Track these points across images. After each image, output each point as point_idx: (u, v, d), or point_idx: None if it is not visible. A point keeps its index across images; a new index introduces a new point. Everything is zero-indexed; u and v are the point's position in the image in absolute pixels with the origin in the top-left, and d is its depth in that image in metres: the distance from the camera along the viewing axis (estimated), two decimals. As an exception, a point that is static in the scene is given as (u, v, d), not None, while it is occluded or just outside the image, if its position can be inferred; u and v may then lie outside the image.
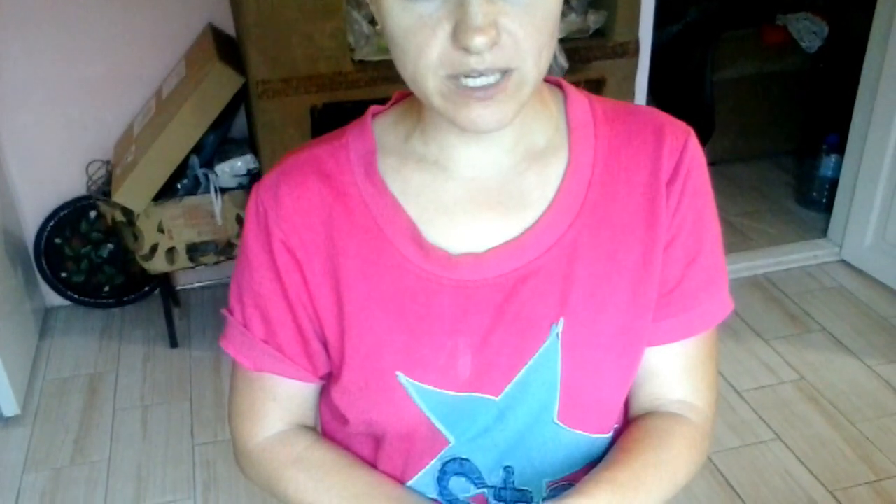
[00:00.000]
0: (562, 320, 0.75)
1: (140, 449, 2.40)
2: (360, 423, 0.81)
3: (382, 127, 0.80)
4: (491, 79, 0.65)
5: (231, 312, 0.84)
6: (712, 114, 3.68)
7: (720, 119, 3.70)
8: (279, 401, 0.84)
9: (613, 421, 0.83)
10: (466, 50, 0.62)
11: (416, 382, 0.76)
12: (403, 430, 0.78)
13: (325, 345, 0.81)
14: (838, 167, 3.26)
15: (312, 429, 0.88)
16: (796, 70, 3.73)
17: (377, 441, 0.82)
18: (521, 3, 0.63)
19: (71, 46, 2.67)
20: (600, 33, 2.40)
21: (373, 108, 0.82)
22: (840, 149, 3.26)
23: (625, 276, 0.76)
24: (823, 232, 3.28)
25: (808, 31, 3.64)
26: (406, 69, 0.67)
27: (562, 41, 2.27)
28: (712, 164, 4.13)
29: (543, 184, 0.76)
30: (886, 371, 2.53)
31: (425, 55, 0.64)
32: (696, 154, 0.78)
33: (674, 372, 0.82)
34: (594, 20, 2.36)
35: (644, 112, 0.80)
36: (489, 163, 0.76)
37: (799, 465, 2.21)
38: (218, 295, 3.11)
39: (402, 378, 0.76)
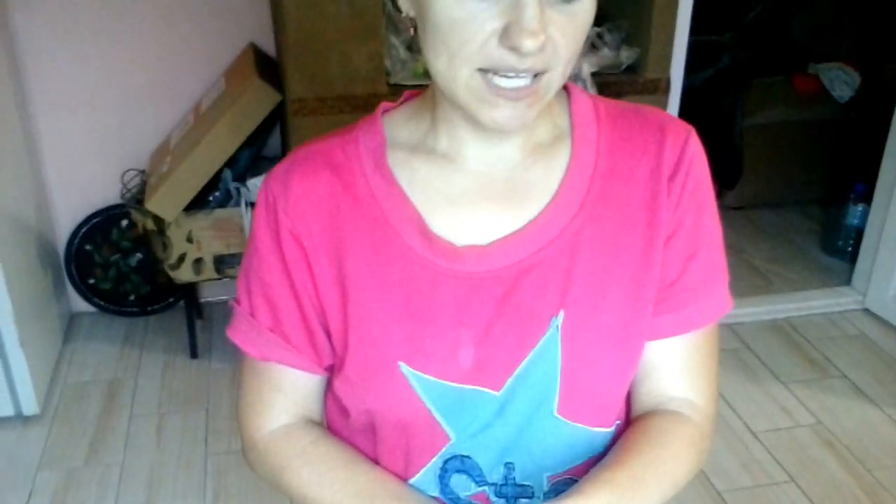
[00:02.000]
0: (562, 312, 0.76)
1: (153, 455, 2.42)
2: (361, 414, 0.82)
3: (393, 122, 0.82)
4: (523, 81, 0.67)
5: (238, 302, 0.85)
6: (740, 158, 3.69)
7: (748, 164, 3.71)
8: (285, 392, 0.85)
9: (614, 415, 0.84)
10: (516, 50, 0.64)
11: (417, 372, 0.77)
12: (404, 421, 0.79)
13: (328, 335, 0.82)
14: (865, 216, 3.25)
15: (318, 423, 0.88)
16: (826, 119, 3.74)
17: (376, 435, 0.83)
18: (566, 11, 0.66)
19: (114, 58, 2.75)
20: (632, 69, 2.44)
21: (383, 105, 0.84)
22: (867, 198, 3.25)
23: (625, 269, 0.78)
24: (847, 280, 3.26)
25: (840, 81, 3.66)
26: (440, 59, 0.69)
27: (594, 75, 2.32)
28: (739, 208, 4.13)
29: (547, 178, 0.78)
30: (906, 421, 2.51)
31: (467, 48, 0.66)
32: (697, 151, 0.80)
33: (674, 368, 0.83)
34: (627, 56, 2.40)
35: (646, 110, 0.83)
36: (498, 158, 0.78)
37: (813, 510, 2.19)
38: (240, 310, 3.13)
39: (404, 368, 0.77)
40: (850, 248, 3.42)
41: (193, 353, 2.87)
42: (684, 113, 2.73)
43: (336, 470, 0.83)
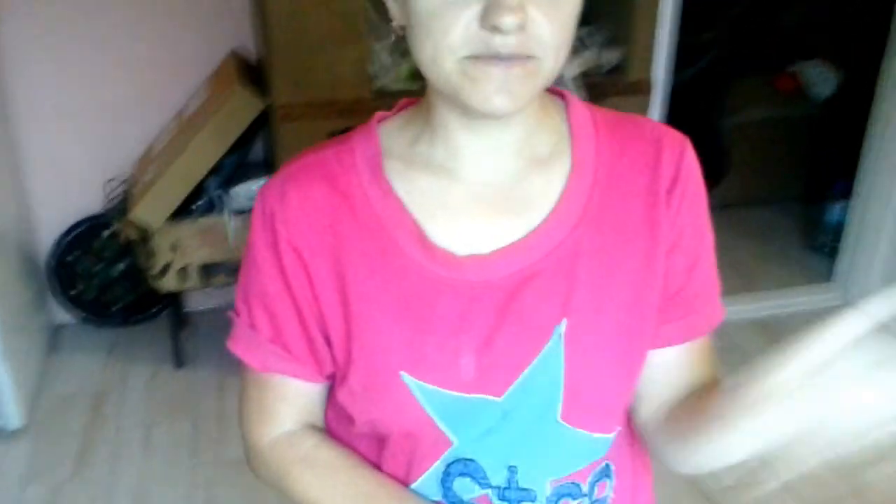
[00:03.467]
0: (564, 321, 0.76)
1: (141, 467, 2.40)
2: (365, 424, 0.82)
3: (388, 131, 0.81)
4: (510, 62, 0.67)
5: (237, 314, 0.85)
6: (725, 156, 3.71)
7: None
8: (288, 400, 0.86)
9: (615, 421, 0.85)
10: (496, 28, 0.64)
11: (419, 382, 0.77)
12: (407, 429, 0.79)
13: (329, 345, 0.82)
14: (845, 213, 3.29)
15: (320, 429, 0.89)
16: (806, 116, 3.78)
17: (381, 442, 0.83)
18: None
19: (96, 67, 2.73)
20: (615, 71, 2.45)
21: (378, 114, 0.83)
22: (847, 195, 3.29)
23: (626, 277, 0.78)
24: (829, 277, 3.30)
25: (819, 79, 3.70)
26: (425, 50, 0.69)
27: (577, 77, 2.33)
28: (721, 207, 4.14)
29: (547, 188, 0.78)
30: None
31: (449, 35, 0.66)
32: (692, 163, 0.81)
33: (682, 375, 0.84)
34: (610, 58, 2.41)
35: (641, 121, 0.83)
36: (495, 167, 0.78)
37: (803, 507, 2.20)
38: (225, 319, 3.11)
39: (406, 378, 0.77)
40: (831, 245, 3.45)
41: (179, 363, 2.85)
42: (669, 112, 2.75)
43: (337, 474, 0.83)
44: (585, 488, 0.84)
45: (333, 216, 0.78)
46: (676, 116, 2.95)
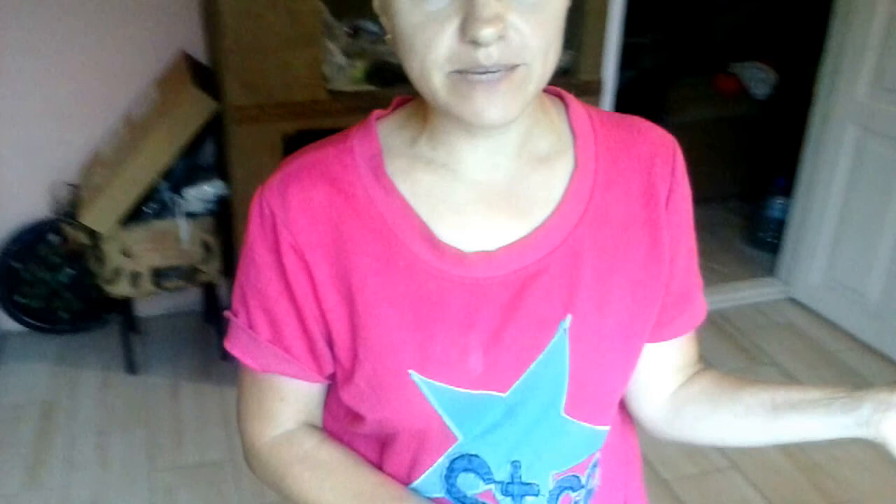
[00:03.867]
0: (569, 316, 0.78)
1: (97, 476, 2.35)
2: (373, 423, 0.82)
3: (387, 130, 0.81)
4: (497, 74, 0.67)
5: (235, 314, 0.84)
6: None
7: (673, 162, 3.82)
8: (287, 400, 0.85)
9: (613, 413, 0.88)
10: (474, 42, 0.64)
11: (428, 380, 0.77)
12: (416, 427, 0.80)
13: (331, 346, 0.82)
14: (785, 209, 3.39)
15: (319, 428, 0.89)
16: (746, 116, 3.89)
17: (386, 440, 0.84)
18: (528, 0, 0.65)
19: (40, 69, 2.67)
20: (566, 72, 2.49)
21: (376, 112, 0.83)
22: (787, 191, 3.39)
23: (625, 273, 0.81)
24: (772, 271, 3.40)
25: (758, 79, 3.81)
26: (413, 67, 0.69)
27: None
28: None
29: (549, 186, 0.80)
30: (835, 403, 2.62)
31: (433, 51, 0.66)
32: (683, 163, 0.85)
33: (675, 366, 0.89)
34: (561, 59, 2.45)
35: (636, 122, 0.86)
36: (495, 166, 0.78)
37: (755, 492, 2.27)
38: (178, 324, 3.08)
39: (415, 376, 0.77)
40: (772, 240, 3.56)
41: (131, 369, 2.80)
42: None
43: (337, 474, 0.83)
44: (584, 480, 0.86)
45: (336, 217, 0.77)
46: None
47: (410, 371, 0.77)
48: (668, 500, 2.24)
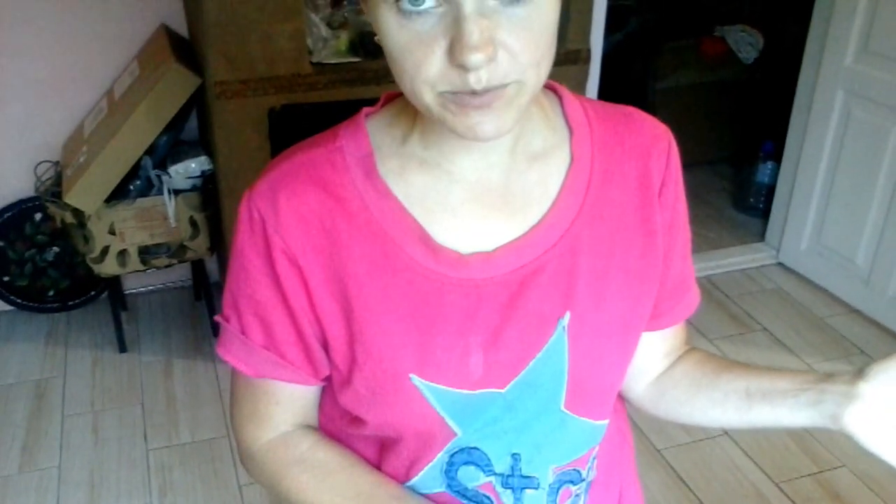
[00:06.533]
0: (568, 314, 0.78)
1: (91, 455, 2.36)
2: (374, 426, 0.81)
3: (377, 128, 0.79)
4: (489, 95, 0.65)
5: (227, 320, 0.83)
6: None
7: (660, 127, 3.81)
8: (282, 404, 0.85)
9: (611, 407, 0.88)
10: (463, 67, 0.62)
11: (429, 383, 0.76)
12: (418, 430, 0.79)
13: (326, 350, 0.81)
14: (774, 174, 3.39)
15: (315, 429, 0.88)
16: (734, 80, 3.87)
17: (385, 440, 0.83)
18: (517, 16, 0.62)
19: (19, 44, 2.62)
20: (554, 40, 2.47)
21: (365, 110, 0.81)
22: (776, 156, 3.39)
23: (623, 268, 0.80)
24: (761, 236, 3.41)
25: (745, 43, 3.79)
26: (403, 83, 0.67)
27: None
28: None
29: (544, 183, 0.78)
30: (824, 368, 2.65)
31: (422, 72, 0.64)
32: (676, 153, 0.84)
33: (664, 352, 0.92)
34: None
35: (629, 112, 0.84)
36: (490, 165, 0.77)
37: (746, 459, 2.30)
38: (167, 299, 3.07)
39: (416, 380, 0.76)
40: (761, 205, 3.57)
41: (122, 347, 2.79)
42: (599, 79, 2.78)
43: (334, 474, 0.83)
44: (584, 474, 0.86)
45: (328, 220, 0.76)
46: (607, 82, 3.00)
47: (411, 375, 0.76)
48: (662, 469, 2.26)
